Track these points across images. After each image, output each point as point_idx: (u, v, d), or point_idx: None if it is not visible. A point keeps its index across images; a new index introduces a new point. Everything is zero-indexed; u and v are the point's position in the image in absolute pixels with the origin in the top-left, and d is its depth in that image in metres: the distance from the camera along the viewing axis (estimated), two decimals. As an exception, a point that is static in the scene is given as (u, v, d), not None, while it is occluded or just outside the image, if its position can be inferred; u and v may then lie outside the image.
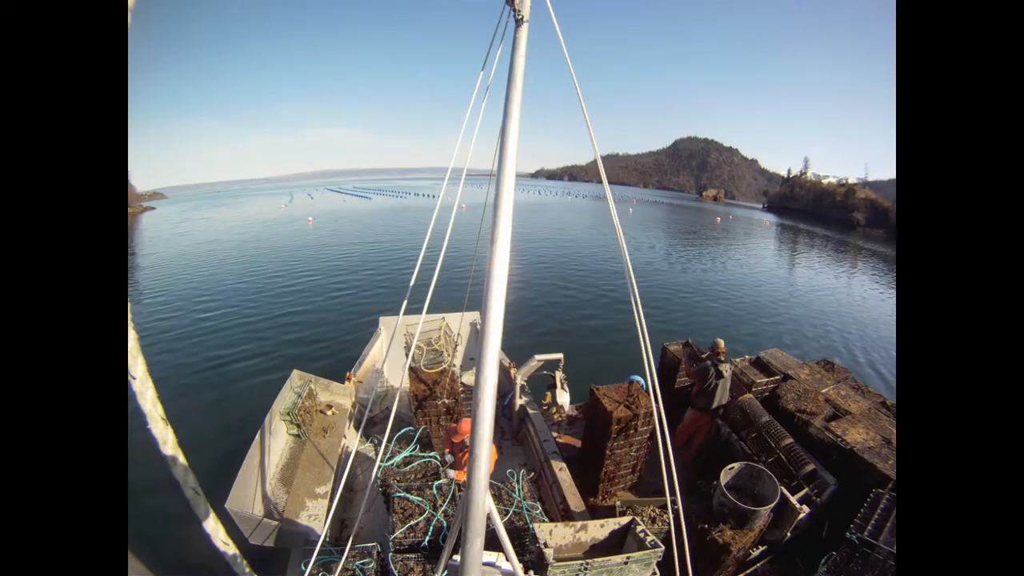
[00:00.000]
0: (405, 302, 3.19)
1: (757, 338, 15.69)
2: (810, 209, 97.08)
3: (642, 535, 4.02)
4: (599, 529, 4.23)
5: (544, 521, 4.34)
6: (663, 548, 3.84)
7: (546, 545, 3.89)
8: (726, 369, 6.00)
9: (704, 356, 6.45)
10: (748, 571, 4.86)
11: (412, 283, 3.03)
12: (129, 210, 73.23)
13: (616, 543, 4.23)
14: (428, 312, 2.90)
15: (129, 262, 29.47)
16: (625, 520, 4.25)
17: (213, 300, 19.32)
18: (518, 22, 2.11)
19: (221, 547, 1.65)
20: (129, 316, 1.19)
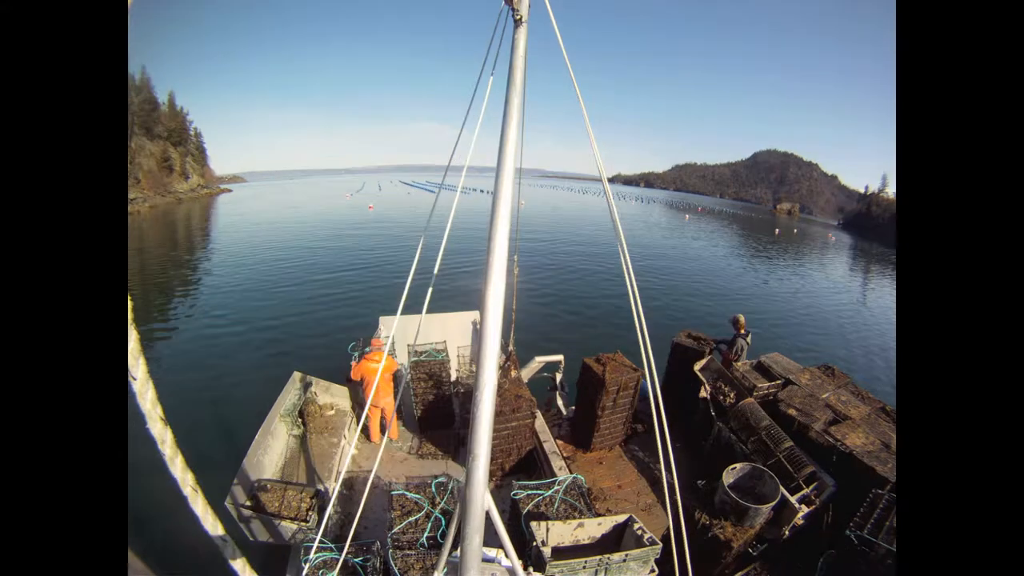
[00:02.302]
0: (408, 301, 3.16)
1: (762, 342, 15.72)
2: (887, 228, 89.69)
3: (639, 532, 4.02)
4: (597, 527, 4.23)
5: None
6: (660, 546, 3.84)
7: (543, 543, 3.89)
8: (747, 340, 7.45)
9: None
10: (748, 568, 4.87)
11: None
12: (205, 191, 77.25)
13: (614, 540, 4.23)
14: (428, 312, 2.90)
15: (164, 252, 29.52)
16: (623, 517, 4.26)
17: (218, 298, 19.34)
18: (517, 22, 2.10)
19: (220, 545, 1.65)
20: (130, 316, 1.19)
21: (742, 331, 7.64)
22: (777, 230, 68.66)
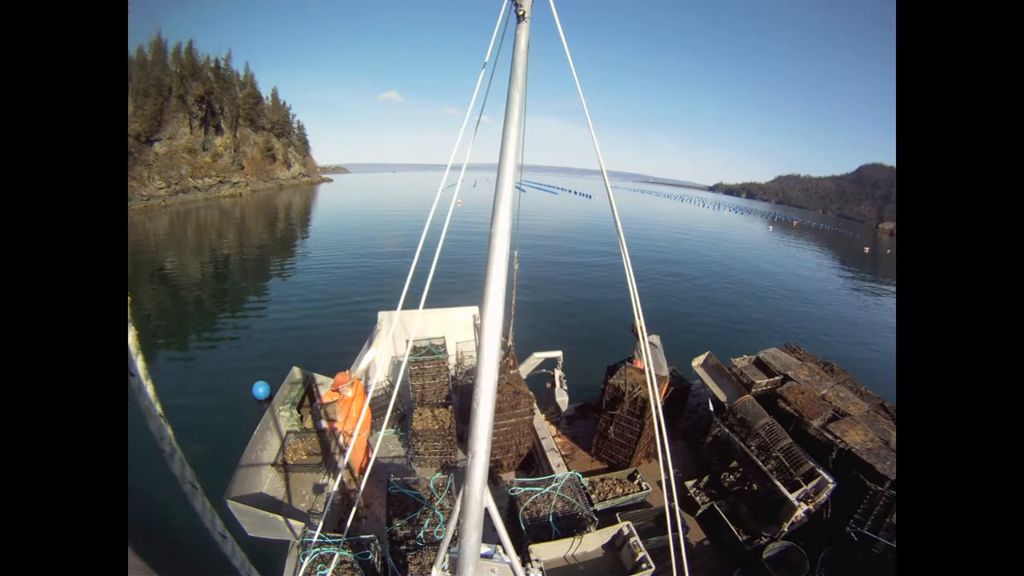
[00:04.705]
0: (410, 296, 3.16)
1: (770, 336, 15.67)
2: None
3: (635, 547, 4.01)
4: (593, 540, 4.20)
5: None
6: (654, 568, 3.86)
7: (537, 560, 3.88)
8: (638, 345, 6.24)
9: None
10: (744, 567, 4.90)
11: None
12: (306, 179, 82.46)
13: (611, 552, 4.22)
14: (429, 307, 2.91)
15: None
16: (615, 530, 4.22)
17: (220, 295, 19.34)
18: (519, 18, 2.09)
19: (219, 540, 1.65)
20: (129, 314, 1.19)
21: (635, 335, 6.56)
22: (865, 248, 62.67)
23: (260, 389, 10.56)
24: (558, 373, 8.04)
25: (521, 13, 2.07)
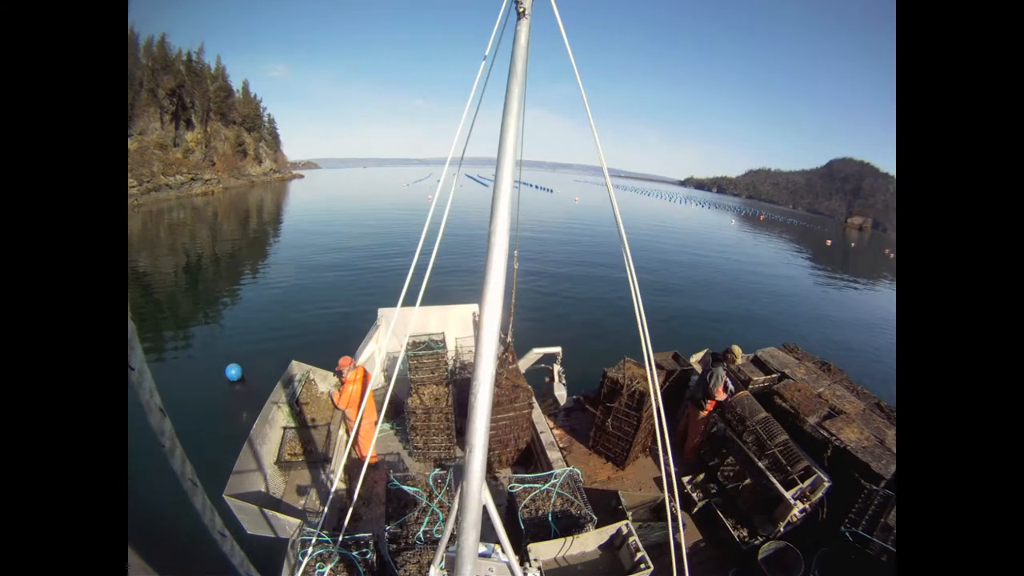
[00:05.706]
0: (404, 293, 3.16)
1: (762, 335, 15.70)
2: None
3: (634, 547, 4.00)
4: (591, 540, 4.20)
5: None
6: (652, 568, 3.85)
7: (535, 559, 3.87)
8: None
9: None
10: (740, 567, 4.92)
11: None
12: (277, 175, 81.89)
13: (610, 552, 4.22)
14: (429, 304, 2.92)
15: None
16: (613, 529, 4.23)
17: (216, 290, 19.30)
18: (519, 15, 2.10)
19: (218, 538, 1.65)
20: (128, 306, 1.19)
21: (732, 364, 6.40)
22: (828, 242, 64.14)
23: (232, 371, 10.33)
24: (557, 368, 8.10)
25: (521, 10, 2.08)
